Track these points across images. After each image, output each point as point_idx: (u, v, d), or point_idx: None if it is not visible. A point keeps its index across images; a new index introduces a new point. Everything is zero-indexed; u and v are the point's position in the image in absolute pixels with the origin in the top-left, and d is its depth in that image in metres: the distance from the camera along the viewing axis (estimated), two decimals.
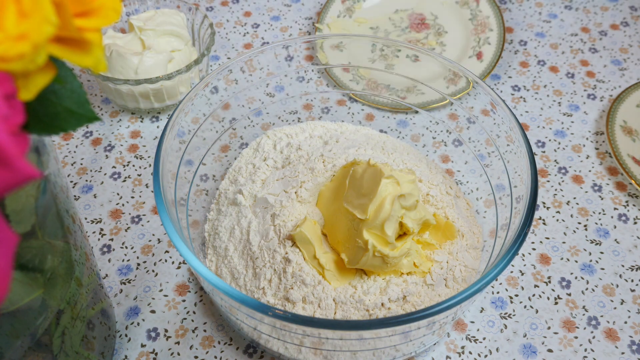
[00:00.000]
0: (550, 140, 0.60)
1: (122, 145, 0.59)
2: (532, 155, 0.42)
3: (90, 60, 0.22)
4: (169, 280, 0.49)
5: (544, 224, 0.53)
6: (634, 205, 0.55)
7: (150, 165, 0.57)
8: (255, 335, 0.42)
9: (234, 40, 0.70)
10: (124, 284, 0.49)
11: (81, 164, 0.57)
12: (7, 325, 0.30)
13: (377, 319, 0.37)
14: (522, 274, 0.50)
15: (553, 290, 0.49)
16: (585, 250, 0.51)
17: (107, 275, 0.49)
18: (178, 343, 0.45)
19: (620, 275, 0.50)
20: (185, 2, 0.63)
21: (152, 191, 0.55)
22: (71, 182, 0.56)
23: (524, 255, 0.51)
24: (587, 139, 0.60)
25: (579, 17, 0.73)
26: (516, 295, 0.48)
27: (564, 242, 0.52)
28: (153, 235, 0.52)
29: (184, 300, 0.48)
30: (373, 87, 0.60)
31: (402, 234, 0.43)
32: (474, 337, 0.46)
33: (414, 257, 0.43)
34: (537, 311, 0.47)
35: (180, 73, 0.57)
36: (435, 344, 0.45)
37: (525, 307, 0.48)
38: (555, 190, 0.56)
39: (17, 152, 0.18)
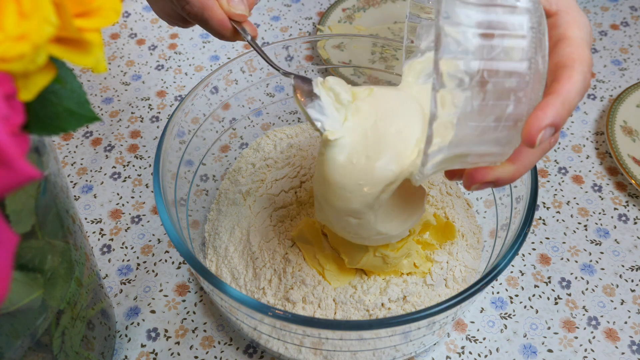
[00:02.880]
0: None
1: (122, 145, 0.59)
2: None
3: (90, 60, 0.22)
4: (169, 280, 0.49)
5: (544, 224, 0.53)
6: (634, 205, 0.55)
7: (150, 165, 0.57)
8: (255, 335, 0.42)
9: None
10: (124, 284, 0.49)
11: (81, 164, 0.57)
12: (7, 325, 0.30)
13: (377, 319, 0.37)
14: (522, 274, 0.50)
15: (553, 290, 0.49)
16: (585, 250, 0.51)
17: (107, 275, 0.49)
18: (178, 343, 0.45)
19: (620, 276, 0.50)
20: None
21: (152, 191, 0.55)
22: (71, 182, 0.56)
23: (524, 255, 0.51)
24: (587, 139, 0.60)
25: None
26: (516, 295, 0.48)
27: (564, 242, 0.52)
28: (153, 235, 0.52)
29: (184, 300, 0.48)
30: (374, 82, 0.60)
31: None
32: (474, 337, 0.46)
33: (414, 257, 0.43)
34: (537, 311, 0.47)
35: None
36: (435, 344, 0.45)
37: (525, 307, 0.48)
38: (555, 190, 0.56)
39: (17, 152, 0.18)
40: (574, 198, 0.55)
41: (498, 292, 0.49)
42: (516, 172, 0.31)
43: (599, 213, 0.54)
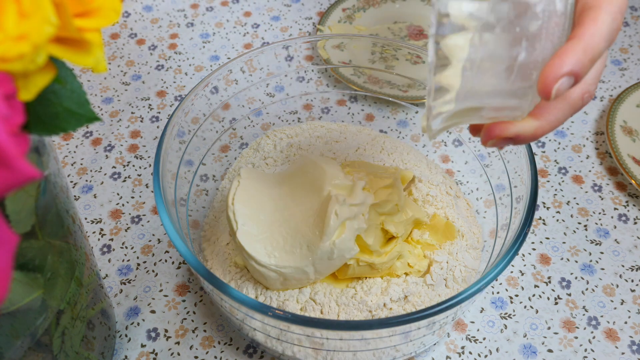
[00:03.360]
0: (550, 140, 0.60)
1: (122, 145, 0.59)
2: (532, 155, 0.42)
3: (90, 60, 0.22)
4: (169, 280, 0.49)
5: (544, 224, 0.53)
6: (634, 205, 0.55)
7: (150, 165, 0.57)
8: (256, 336, 0.42)
9: (234, 40, 0.70)
10: (124, 284, 0.49)
11: (81, 164, 0.57)
12: (7, 325, 0.30)
13: (376, 319, 0.37)
14: (522, 274, 0.50)
15: (553, 290, 0.49)
16: (585, 250, 0.51)
17: (107, 275, 0.49)
18: (178, 343, 0.45)
19: (620, 276, 0.50)
20: None
21: (152, 191, 0.55)
22: (71, 182, 0.56)
23: (524, 255, 0.51)
24: (587, 139, 0.60)
25: None
26: (516, 295, 0.48)
27: (564, 242, 0.52)
28: (153, 235, 0.52)
29: (184, 300, 0.48)
30: (374, 82, 0.60)
31: (391, 237, 0.43)
32: (474, 337, 0.46)
33: (408, 257, 0.43)
34: (537, 311, 0.47)
35: None
36: (435, 344, 0.45)
37: (525, 307, 0.48)
38: (555, 190, 0.56)
39: (17, 152, 0.18)
40: (574, 198, 0.55)
41: (498, 292, 0.49)
42: (539, 128, 0.27)
43: (599, 213, 0.54)
